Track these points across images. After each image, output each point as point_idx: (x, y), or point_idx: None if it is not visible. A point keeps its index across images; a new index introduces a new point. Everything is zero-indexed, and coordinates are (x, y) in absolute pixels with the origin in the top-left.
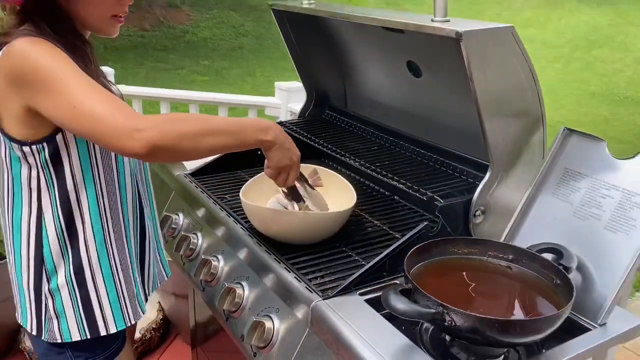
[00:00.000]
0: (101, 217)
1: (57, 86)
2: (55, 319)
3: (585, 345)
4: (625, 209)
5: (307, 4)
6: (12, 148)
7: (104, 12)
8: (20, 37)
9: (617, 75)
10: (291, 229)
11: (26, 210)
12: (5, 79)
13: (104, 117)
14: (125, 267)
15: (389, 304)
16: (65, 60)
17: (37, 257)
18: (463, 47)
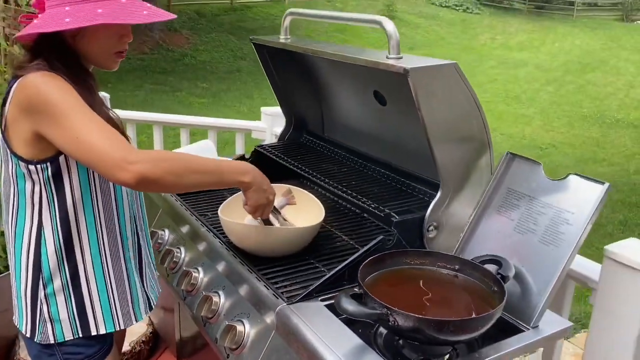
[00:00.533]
0: (97, 232)
1: (64, 118)
2: (49, 322)
3: (517, 343)
4: (556, 224)
5: (283, 39)
6: (19, 165)
7: (107, 49)
8: (34, 72)
9: (609, 99)
10: (263, 243)
11: (28, 222)
12: (18, 106)
13: (102, 149)
14: (118, 278)
15: (340, 306)
16: (73, 95)
17: (35, 265)
18: (410, 82)
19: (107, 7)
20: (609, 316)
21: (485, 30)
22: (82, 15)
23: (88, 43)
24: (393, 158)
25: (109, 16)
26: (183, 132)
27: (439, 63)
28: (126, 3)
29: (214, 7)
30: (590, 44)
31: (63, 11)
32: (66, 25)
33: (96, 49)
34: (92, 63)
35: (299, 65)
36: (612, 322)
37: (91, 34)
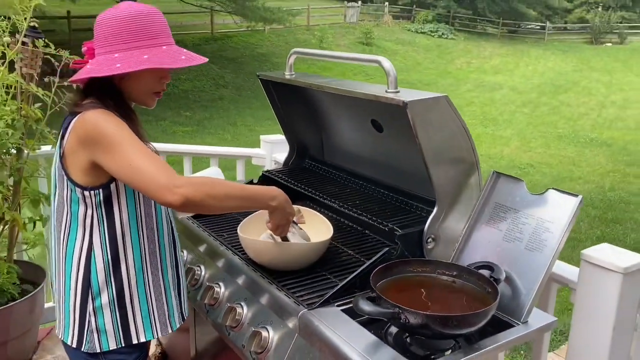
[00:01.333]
0: (140, 251)
1: (118, 148)
2: (96, 333)
3: (510, 336)
4: (539, 233)
5: (288, 75)
6: (74, 191)
7: (148, 89)
8: (91, 109)
9: (582, 119)
10: (280, 258)
11: (79, 242)
12: (78, 139)
13: (152, 175)
14: (157, 292)
15: (358, 307)
16: (125, 129)
17: (85, 281)
18: (408, 113)
19: (152, 54)
20: (587, 311)
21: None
22: (131, 61)
23: (133, 84)
24: (390, 179)
25: (154, 62)
26: (186, 161)
27: (432, 96)
28: (167, 49)
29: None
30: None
31: (113, 57)
32: (117, 70)
33: (139, 89)
34: (134, 101)
35: (301, 97)
36: (591, 317)
37: (136, 77)
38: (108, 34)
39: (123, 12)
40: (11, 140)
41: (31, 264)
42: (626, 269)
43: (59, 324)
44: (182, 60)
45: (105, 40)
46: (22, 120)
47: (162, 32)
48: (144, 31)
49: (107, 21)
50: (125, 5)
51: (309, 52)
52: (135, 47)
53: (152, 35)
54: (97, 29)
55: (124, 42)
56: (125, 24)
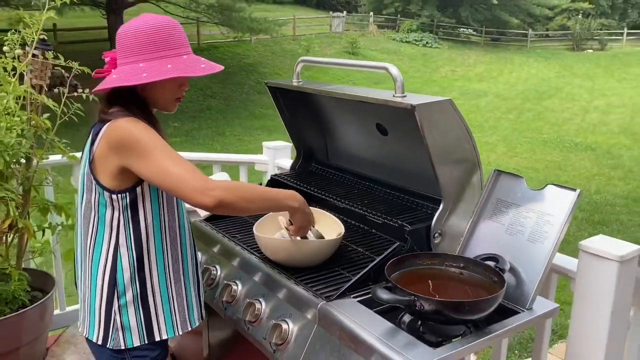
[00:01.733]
0: (163, 252)
1: (152, 154)
2: (121, 330)
3: (516, 322)
4: (540, 225)
5: (296, 83)
6: (102, 194)
7: (169, 96)
8: (121, 117)
9: (567, 124)
10: (296, 255)
11: (106, 243)
12: (109, 145)
13: (186, 178)
14: (178, 291)
15: (377, 295)
16: (157, 136)
17: (111, 280)
18: (417, 115)
19: (175, 63)
20: (587, 298)
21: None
22: (156, 70)
23: (156, 92)
24: (395, 179)
25: (178, 70)
26: None
27: (438, 99)
28: (188, 59)
29: None
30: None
31: (138, 67)
32: (145, 79)
33: (162, 96)
34: (156, 107)
35: (307, 103)
36: (591, 303)
37: (160, 85)
38: (133, 44)
39: (146, 24)
40: (22, 150)
41: (39, 272)
42: (622, 257)
43: (83, 322)
44: (202, 69)
45: (131, 51)
46: (32, 130)
47: (183, 42)
48: (167, 42)
49: (131, 33)
50: (146, 17)
51: (315, 61)
52: (159, 57)
53: (174, 46)
54: (121, 40)
55: (149, 52)
56: (149, 35)
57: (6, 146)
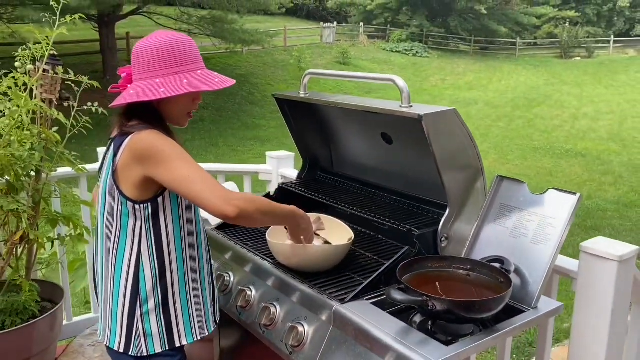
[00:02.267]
0: (183, 260)
1: (176, 164)
2: (143, 337)
3: (523, 319)
4: (543, 228)
5: (303, 94)
6: (125, 205)
7: (182, 110)
8: (142, 130)
9: (557, 131)
10: (308, 260)
11: (128, 252)
12: (133, 156)
13: (210, 188)
14: (197, 297)
15: (391, 296)
16: (177, 146)
17: (134, 288)
18: (424, 125)
19: (190, 78)
20: (588, 297)
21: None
22: (172, 85)
23: (171, 106)
24: (400, 186)
25: (193, 85)
26: None
27: (443, 109)
28: (202, 74)
29: None
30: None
31: (155, 82)
32: (162, 94)
33: (176, 110)
34: (170, 122)
35: (312, 114)
36: (592, 302)
37: (175, 100)
38: (149, 61)
39: (161, 40)
40: (32, 163)
41: (48, 283)
42: (621, 257)
43: (104, 331)
44: (216, 83)
45: (147, 67)
46: (42, 144)
47: (197, 58)
48: (182, 58)
49: (147, 50)
50: (161, 34)
51: (322, 73)
52: (175, 72)
53: (188, 61)
54: (138, 57)
55: (165, 68)
56: (164, 52)
57: (17, 159)
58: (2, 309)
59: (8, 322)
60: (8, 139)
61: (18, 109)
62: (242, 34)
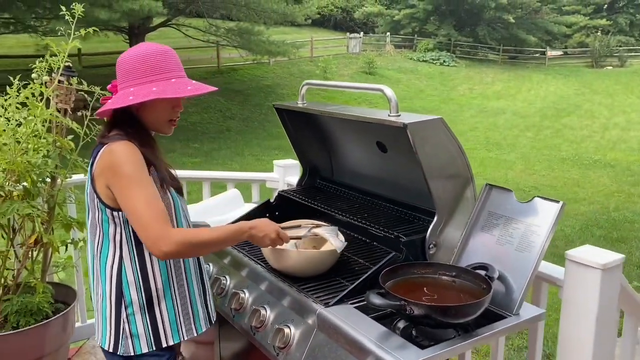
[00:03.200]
0: (166, 263)
1: (131, 190)
2: (130, 338)
3: (503, 325)
4: (527, 236)
5: (301, 104)
6: (104, 211)
7: (163, 118)
8: (117, 141)
9: (586, 141)
10: (299, 265)
11: (110, 257)
12: (103, 167)
13: (146, 227)
14: (183, 298)
15: (369, 300)
16: (139, 170)
17: (118, 292)
18: (409, 133)
19: (160, 86)
20: (574, 305)
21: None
22: (142, 93)
23: (149, 114)
24: (394, 193)
25: (160, 92)
26: (205, 186)
27: (429, 118)
28: (175, 82)
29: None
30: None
31: (128, 91)
32: (130, 101)
33: (154, 117)
34: (153, 129)
35: (312, 123)
36: (577, 309)
37: (151, 107)
38: (126, 71)
39: (138, 51)
40: (47, 169)
41: (62, 285)
42: (604, 265)
43: (97, 332)
44: (187, 90)
45: (125, 77)
46: (57, 151)
47: (174, 67)
48: (156, 67)
49: (125, 60)
50: (141, 45)
51: (319, 83)
52: (148, 81)
53: (163, 70)
54: (118, 68)
55: (139, 77)
56: (140, 62)
57: (33, 166)
58: (17, 310)
59: (23, 322)
60: (25, 146)
61: (34, 118)
62: (269, 45)
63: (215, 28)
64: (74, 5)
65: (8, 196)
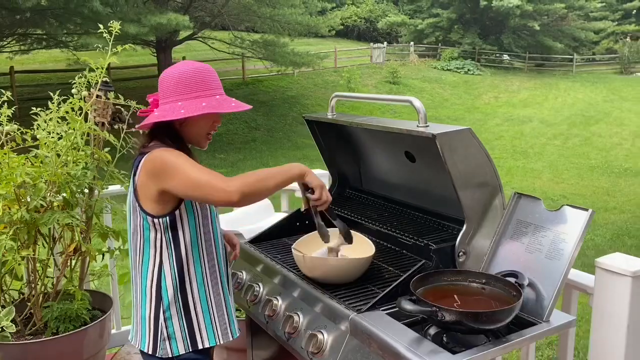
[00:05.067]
0: (202, 267)
1: (180, 170)
2: (168, 340)
3: (534, 332)
4: (556, 243)
5: (331, 116)
6: (146, 219)
7: (203, 132)
8: (157, 148)
9: (615, 149)
10: (330, 272)
11: (151, 262)
12: (147, 173)
13: (208, 181)
14: (218, 302)
15: (401, 306)
16: (183, 156)
17: (157, 295)
18: (438, 143)
19: (208, 101)
20: (604, 312)
21: (487, 90)
22: (192, 107)
23: (191, 128)
24: (423, 202)
25: (210, 107)
26: None
27: (457, 128)
28: (220, 98)
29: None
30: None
31: (177, 105)
32: (182, 115)
33: (195, 131)
34: (191, 143)
35: (341, 134)
36: (607, 317)
37: (194, 122)
38: (172, 86)
39: (185, 68)
40: (86, 181)
41: (99, 293)
42: (634, 272)
43: (136, 335)
44: (232, 106)
45: (171, 91)
46: (95, 163)
47: (216, 85)
48: (202, 84)
49: (171, 77)
50: (186, 63)
51: (348, 95)
52: (195, 96)
53: (208, 87)
54: (163, 83)
55: (186, 93)
56: (188, 78)
57: (72, 178)
58: (57, 316)
59: (62, 328)
60: (65, 159)
61: (74, 131)
62: (293, 56)
63: (241, 40)
64: (112, 22)
65: (49, 206)
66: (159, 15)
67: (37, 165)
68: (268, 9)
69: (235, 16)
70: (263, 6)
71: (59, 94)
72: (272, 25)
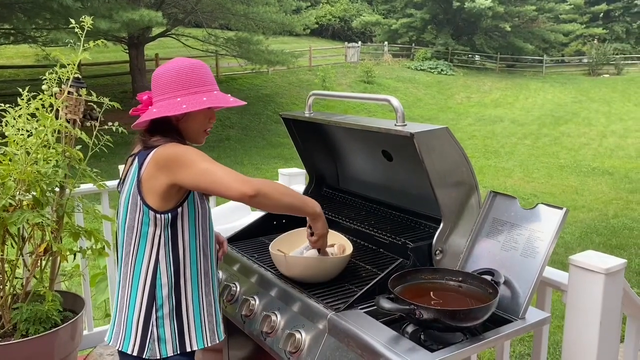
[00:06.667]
0: (197, 268)
1: (193, 161)
2: (157, 341)
3: (510, 329)
4: (531, 241)
5: (308, 114)
6: (147, 214)
7: (200, 128)
8: (163, 144)
9: (584, 149)
10: (308, 271)
11: (146, 259)
12: (156, 166)
13: (228, 175)
14: (208, 305)
15: (379, 304)
16: (194, 149)
17: (151, 293)
18: (415, 142)
19: (208, 96)
20: (577, 309)
21: (460, 90)
22: (193, 102)
23: (189, 124)
24: (400, 201)
25: (212, 102)
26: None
27: (435, 127)
28: (218, 94)
29: None
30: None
31: (176, 101)
32: (184, 109)
33: (194, 127)
34: (189, 139)
35: (318, 132)
36: (581, 313)
37: (193, 117)
38: (168, 82)
39: (181, 65)
40: (57, 179)
41: (70, 293)
42: (607, 270)
43: (117, 335)
44: (231, 101)
45: (167, 88)
46: (66, 161)
47: (211, 81)
48: (200, 80)
49: (168, 73)
50: (180, 60)
51: (325, 94)
52: (194, 92)
53: (206, 83)
54: (158, 80)
55: (185, 89)
56: (184, 75)
57: (43, 176)
58: (26, 318)
59: (32, 330)
60: (35, 156)
61: (44, 128)
62: (268, 54)
63: (214, 38)
64: (84, 17)
65: (18, 205)
66: (131, 11)
67: (5, 163)
68: (242, 7)
69: (209, 13)
70: (237, 4)
71: (28, 90)
72: (247, 23)
